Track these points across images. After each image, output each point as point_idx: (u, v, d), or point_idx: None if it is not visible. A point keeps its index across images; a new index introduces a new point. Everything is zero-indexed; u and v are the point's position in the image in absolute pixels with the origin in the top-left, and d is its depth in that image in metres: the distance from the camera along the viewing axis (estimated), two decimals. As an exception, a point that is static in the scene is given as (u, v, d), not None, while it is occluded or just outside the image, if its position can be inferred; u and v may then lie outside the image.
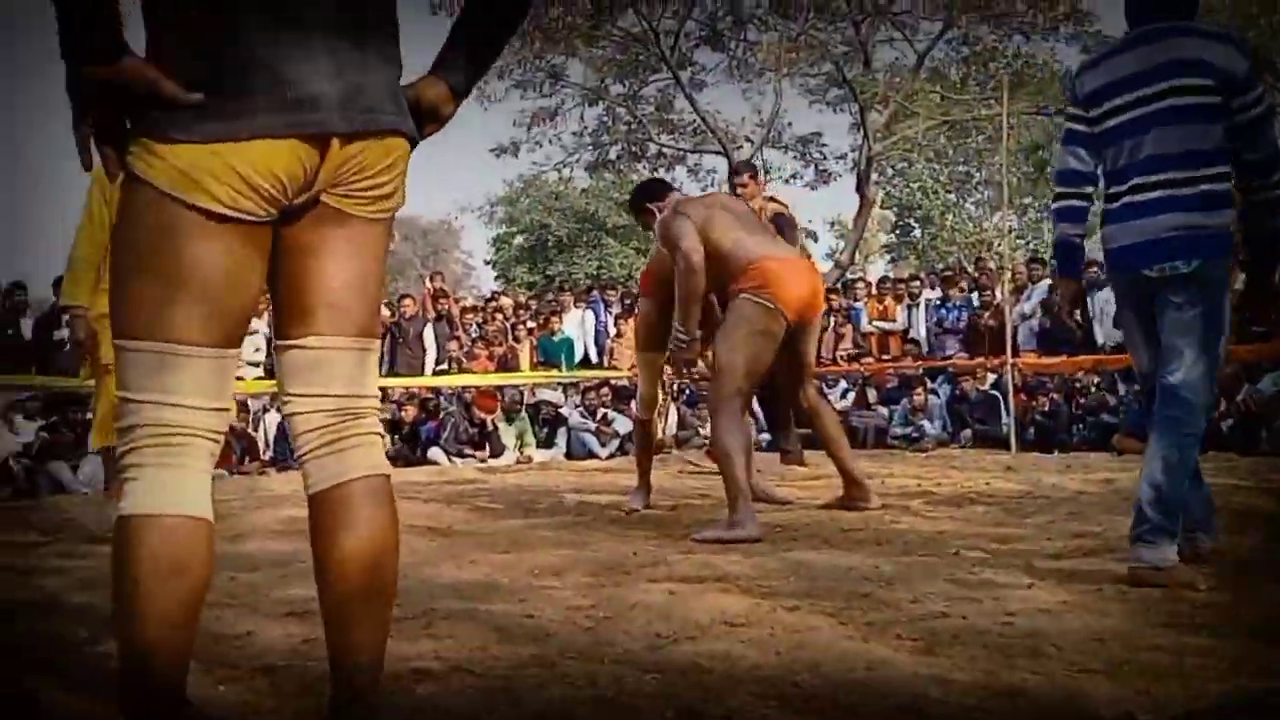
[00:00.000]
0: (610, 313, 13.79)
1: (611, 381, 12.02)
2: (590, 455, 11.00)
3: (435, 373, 12.36)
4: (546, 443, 11.21)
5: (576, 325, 13.57)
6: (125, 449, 1.65)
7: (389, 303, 15.16)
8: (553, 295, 16.03)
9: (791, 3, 17.34)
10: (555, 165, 23.05)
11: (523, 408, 11.22)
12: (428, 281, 15.34)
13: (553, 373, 12.57)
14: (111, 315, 1.67)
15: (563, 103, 20.69)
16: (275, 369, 1.81)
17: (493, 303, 15.38)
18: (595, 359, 13.39)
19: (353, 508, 1.72)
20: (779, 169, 24.10)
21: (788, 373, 4.95)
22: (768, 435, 9.12)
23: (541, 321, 13.64)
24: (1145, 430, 3.27)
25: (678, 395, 12.08)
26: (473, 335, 13.20)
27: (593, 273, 28.42)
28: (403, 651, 2.40)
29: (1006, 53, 18.23)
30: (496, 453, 10.63)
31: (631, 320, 12.56)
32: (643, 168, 22.66)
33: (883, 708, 2.02)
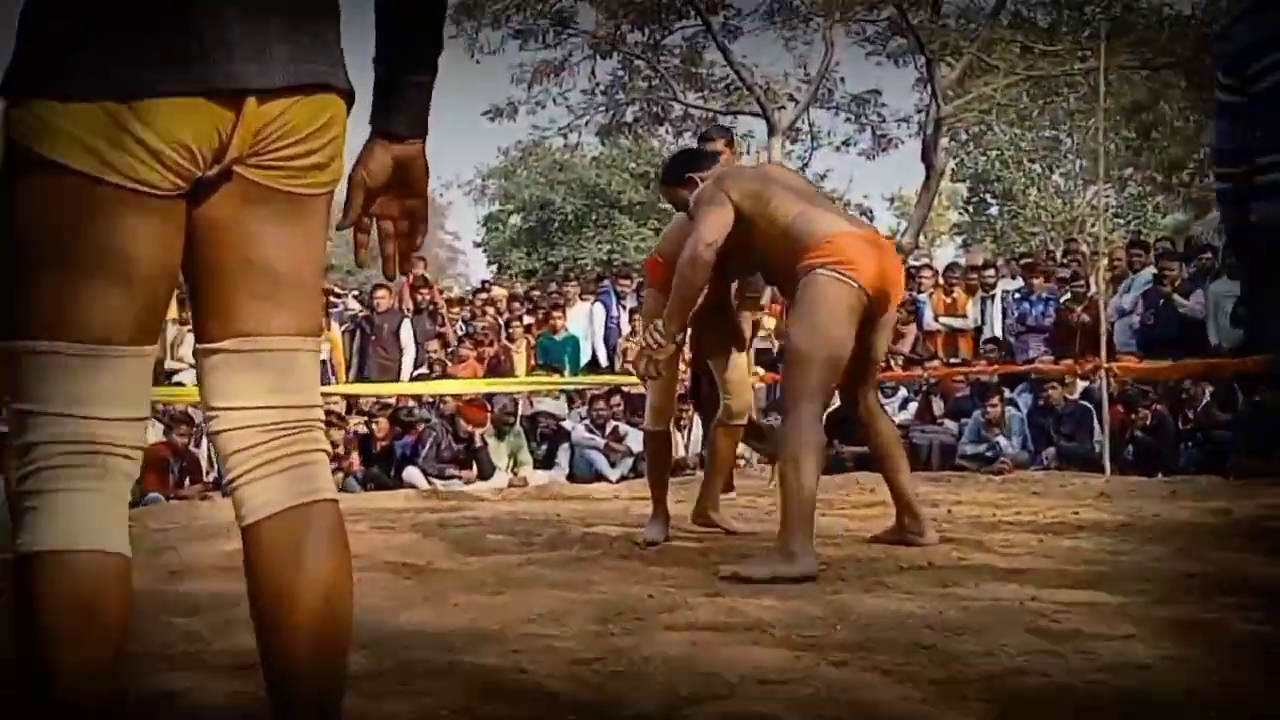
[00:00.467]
0: (624, 306, 13.75)
1: (624, 389, 12.00)
2: (598, 477, 11.01)
3: (413, 378, 12.39)
4: (546, 462, 11.22)
5: (583, 321, 13.56)
6: (22, 473, 1.63)
7: (360, 295, 15.27)
8: (555, 285, 16.06)
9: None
10: (560, 130, 23.13)
11: (517, 420, 11.23)
12: (406, 268, 15.37)
13: (554, 378, 12.56)
14: None
15: (570, 55, 20.79)
16: (197, 378, 1.78)
17: (483, 294, 15.42)
18: (605, 362, 13.37)
19: (299, 540, 1.71)
20: (828, 134, 24.33)
21: (849, 371, 4.90)
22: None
23: (541, 317, 13.65)
24: (1267, 449, 3.26)
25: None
26: (459, 333, 13.23)
27: (603, 258, 28.48)
28: (371, 713, 2.40)
29: (1105, -6, 18.23)
30: (486, 474, 10.64)
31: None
32: (665, 132, 22.73)
33: (946, 784, 2.01)
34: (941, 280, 13.26)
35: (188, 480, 10.27)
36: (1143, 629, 3.19)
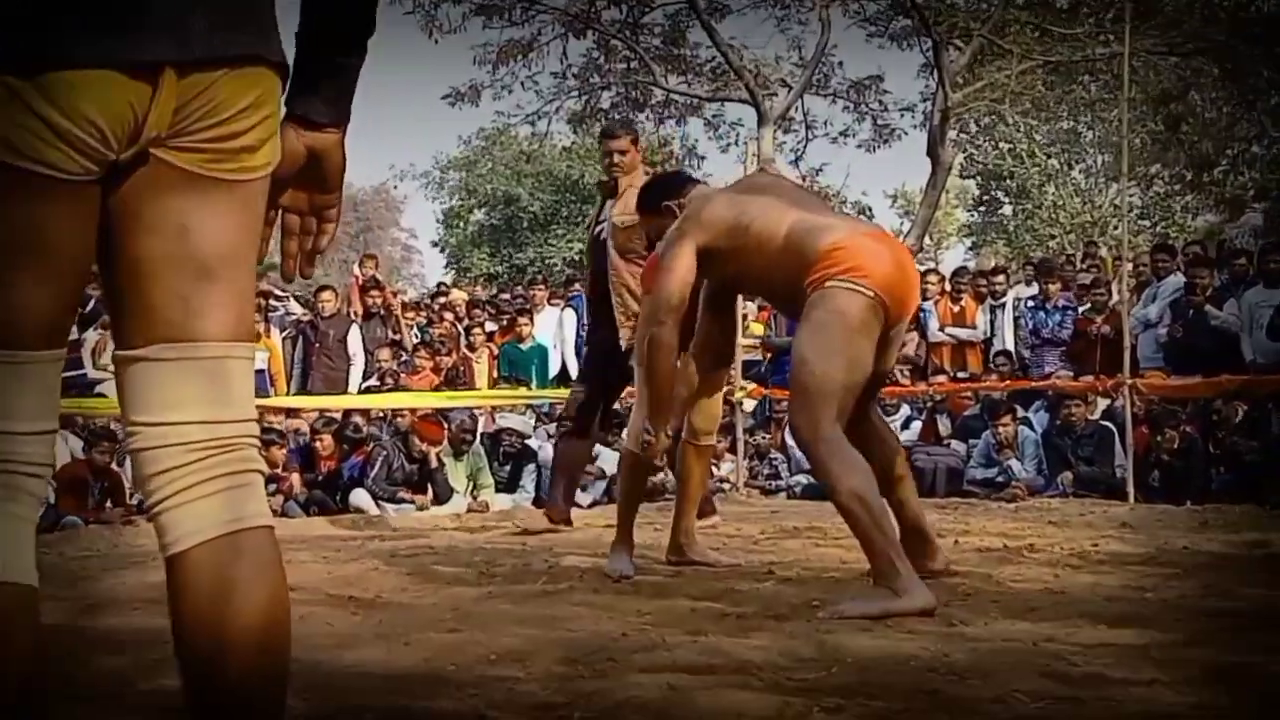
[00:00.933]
0: (597, 313, 13.79)
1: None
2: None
3: (362, 390, 12.36)
4: (509, 485, 11.19)
5: (552, 329, 13.57)
6: None
7: (302, 297, 15.23)
8: (521, 289, 16.07)
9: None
10: (528, 116, 23.13)
11: (477, 438, 11.21)
12: (356, 268, 15.37)
13: (519, 391, 12.57)
14: None
15: (539, 33, 20.79)
16: (116, 388, 1.75)
17: (441, 297, 15.44)
18: (575, 373, 13.36)
19: (232, 571, 1.68)
20: (825, 123, 24.24)
21: None
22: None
23: (505, 324, 13.65)
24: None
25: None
26: (414, 340, 13.22)
27: (575, 259, 28.49)
28: (311, 762, 2.39)
29: (1129, -27, 18.37)
30: (442, 498, 10.61)
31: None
32: (645, 119, 22.70)
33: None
34: (948, 287, 13.16)
35: (109, 503, 10.19)
36: (1169, 673, 3.20)
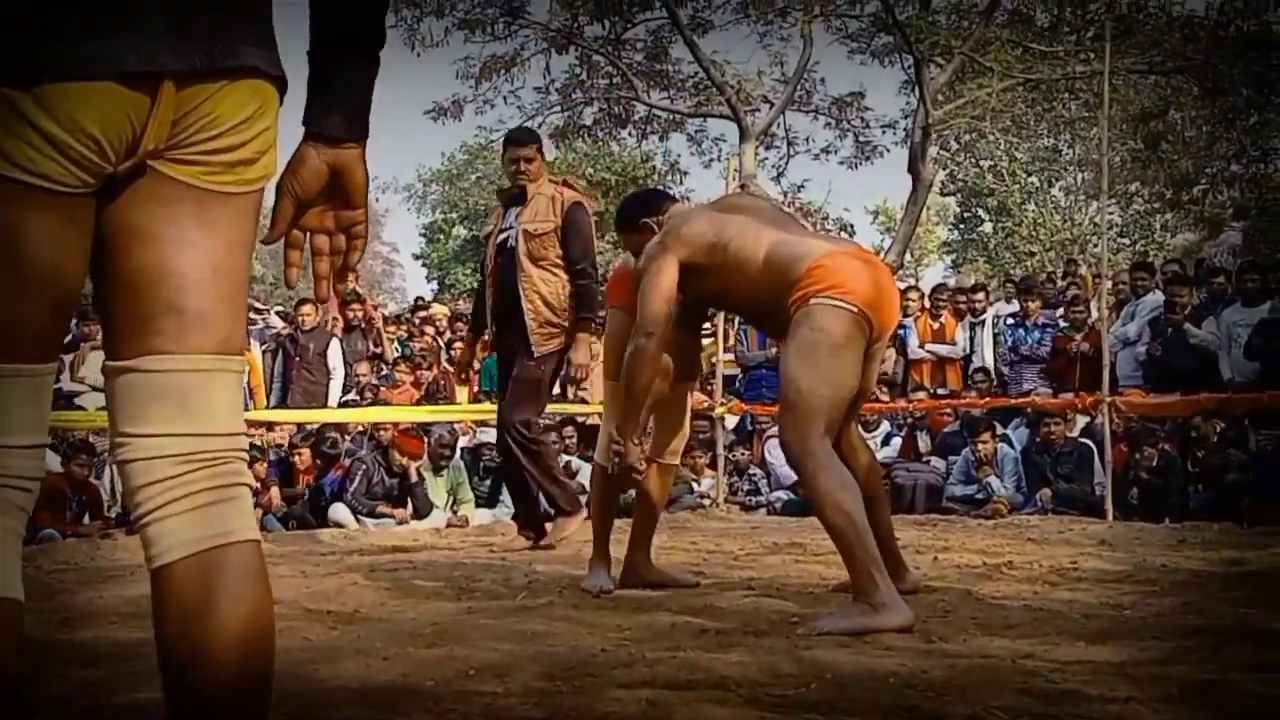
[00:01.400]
0: (579, 327, 13.79)
1: (577, 419, 12.00)
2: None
3: (341, 404, 12.33)
4: (489, 500, 11.17)
5: (534, 344, 13.56)
6: None
7: (283, 311, 15.21)
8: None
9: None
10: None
11: (457, 453, 11.19)
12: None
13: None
14: None
15: (522, 48, 20.81)
16: (106, 399, 1.76)
17: (422, 311, 15.41)
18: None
19: (217, 585, 1.69)
20: (806, 140, 24.35)
21: None
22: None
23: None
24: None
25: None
26: (394, 354, 13.19)
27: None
28: (287, 777, 2.38)
29: (1109, -9, 18.45)
30: (421, 512, 10.58)
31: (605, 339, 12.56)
32: (628, 135, 22.75)
33: None
34: (928, 303, 13.20)
35: (87, 516, 10.16)
36: (1146, 690, 3.20)
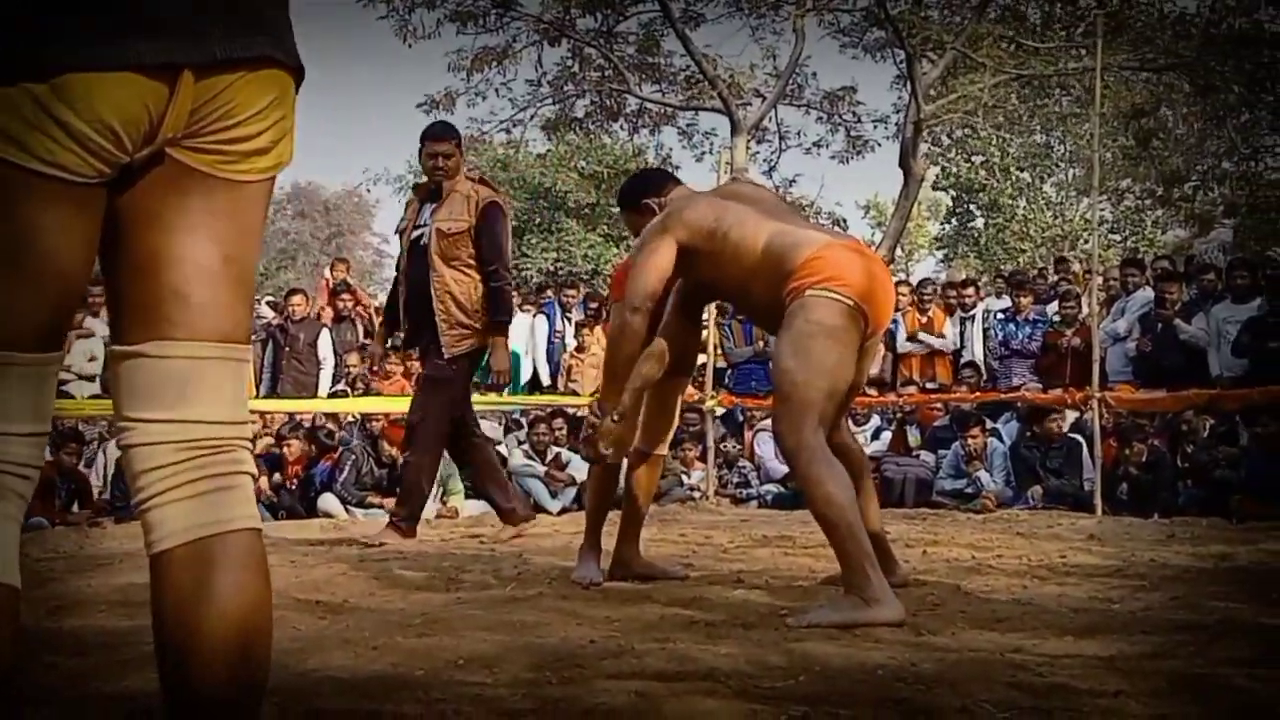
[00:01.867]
0: (569, 319, 13.80)
1: (568, 411, 12.00)
2: (537, 509, 10.95)
3: (331, 394, 12.31)
4: (479, 491, 11.16)
5: (523, 335, 13.55)
6: None
7: (273, 301, 15.17)
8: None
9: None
10: (502, 124, 23.13)
11: (448, 444, 11.17)
12: (327, 271, 15.34)
13: (490, 398, 12.52)
14: None
15: (514, 40, 20.80)
16: (110, 384, 1.77)
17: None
18: (547, 380, 13.38)
19: (214, 572, 1.69)
20: (798, 134, 24.45)
21: None
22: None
23: (477, 329, 13.60)
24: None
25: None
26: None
27: (548, 267, 28.45)
28: (276, 766, 2.37)
29: (1101, -13, 18.47)
30: (412, 503, 10.56)
31: (598, 330, 12.57)
32: (619, 129, 22.76)
33: None
34: (914, 297, 13.13)
35: (76, 504, 10.14)
36: (1135, 684, 3.20)
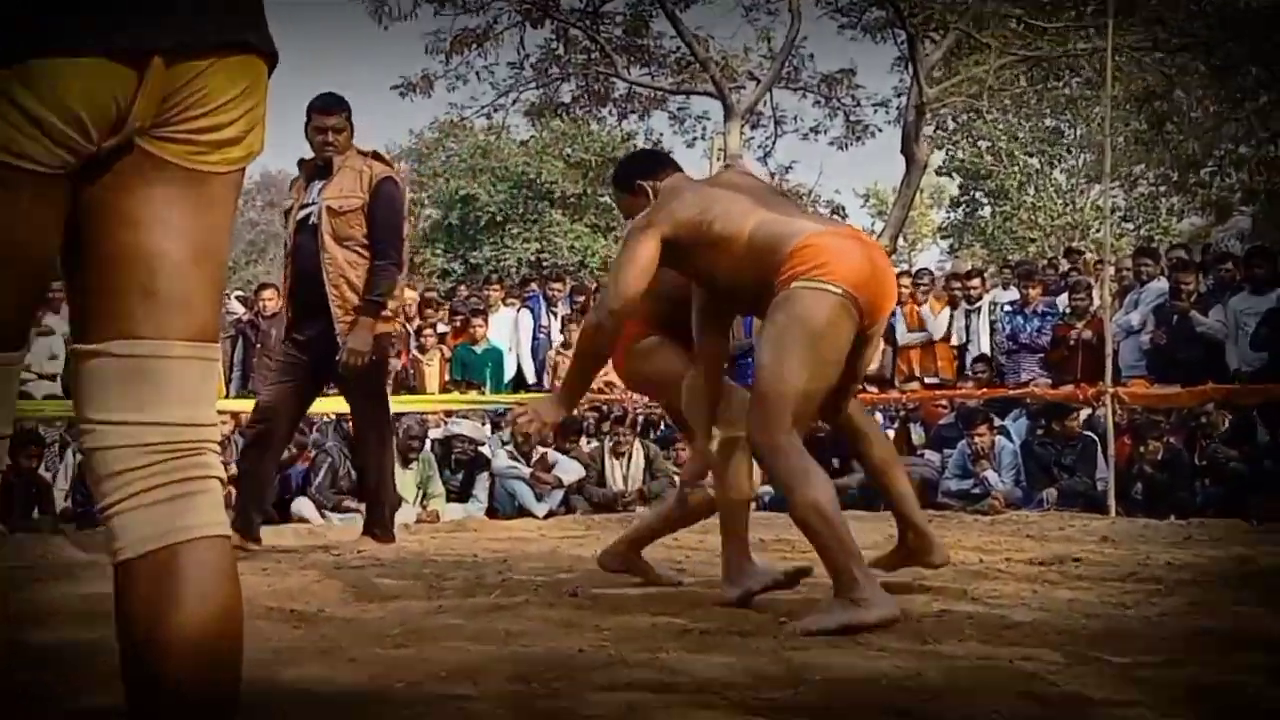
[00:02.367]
0: (554, 314, 13.81)
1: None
2: (522, 512, 10.98)
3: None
4: (461, 494, 11.17)
5: (507, 331, 13.58)
6: None
7: (243, 296, 15.16)
8: (475, 289, 16.01)
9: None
10: (483, 109, 23.13)
11: (426, 445, 11.18)
12: (299, 266, 15.31)
13: (472, 396, 12.54)
14: None
15: (495, 21, 20.77)
16: (72, 384, 1.76)
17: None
18: (532, 378, 13.39)
19: (181, 582, 1.69)
20: (794, 118, 24.43)
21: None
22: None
23: (458, 325, 13.61)
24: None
25: (637, 428, 12.05)
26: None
27: (531, 259, 28.49)
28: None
29: (1113, -35, 18.46)
30: (390, 507, 10.56)
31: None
32: (608, 114, 22.76)
33: None
34: (911, 288, 13.00)
35: (36, 510, 10.13)
36: (1151, 693, 3.21)
